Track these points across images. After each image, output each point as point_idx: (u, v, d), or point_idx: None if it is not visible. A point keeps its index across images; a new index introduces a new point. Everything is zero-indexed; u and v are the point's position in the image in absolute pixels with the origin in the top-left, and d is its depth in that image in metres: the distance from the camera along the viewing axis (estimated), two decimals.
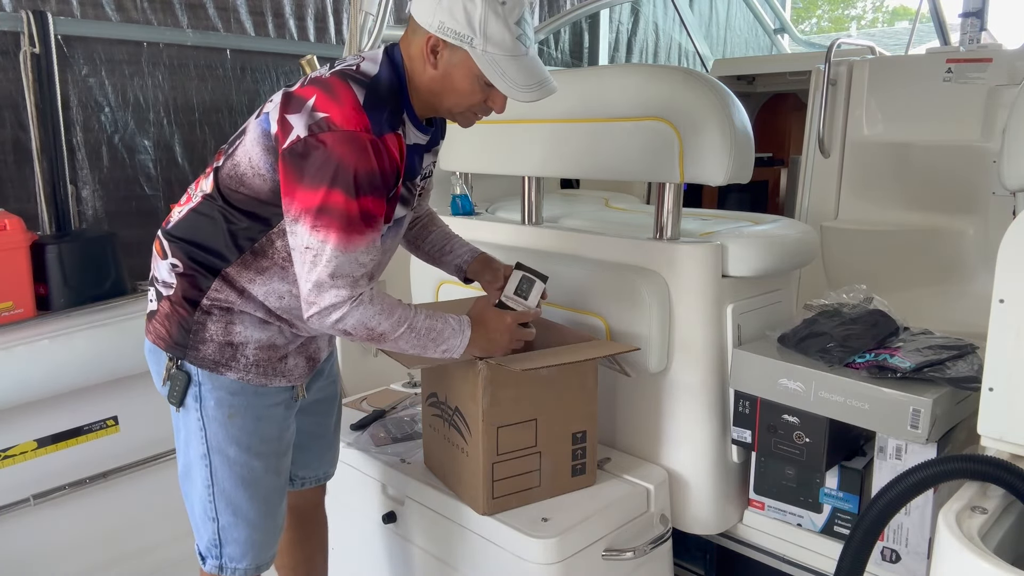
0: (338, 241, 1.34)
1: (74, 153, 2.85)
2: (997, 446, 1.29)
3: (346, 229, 1.34)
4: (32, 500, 2.23)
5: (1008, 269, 1.24)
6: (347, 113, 1.35)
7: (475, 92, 1.45)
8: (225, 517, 1.56)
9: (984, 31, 3.13)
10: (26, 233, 2.28)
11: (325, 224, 1.34)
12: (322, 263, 1.35)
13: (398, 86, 1.45)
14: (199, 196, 1.52)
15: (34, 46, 2.62)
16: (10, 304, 2.22)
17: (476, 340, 1.56)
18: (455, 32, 1.38)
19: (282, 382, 1.58)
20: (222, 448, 1.52)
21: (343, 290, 1.37)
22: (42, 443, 2.28)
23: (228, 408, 1.52)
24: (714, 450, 1.93)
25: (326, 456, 1.88)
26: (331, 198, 1.33)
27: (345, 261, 1.36)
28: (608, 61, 5.20)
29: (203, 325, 1.49)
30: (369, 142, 1.34)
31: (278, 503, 1.63)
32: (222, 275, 1.49)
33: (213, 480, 1.54)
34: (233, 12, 3.26)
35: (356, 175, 1.33)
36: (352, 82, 1.39)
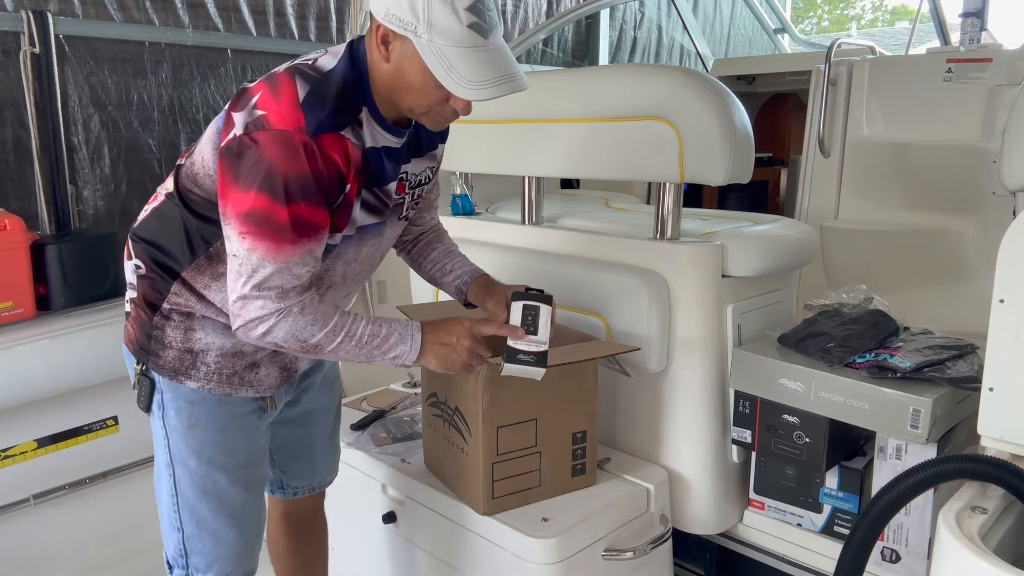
0: (266, 250, 1.24)
1: (75, 152, 2.85)
2: (997, 446, 1.29)
3: (274, 237, 1.24)
4: (32, 500, 2.23)
5: (1008, 269, 1.24)
6: (282, 111, 1.24)
7: (430, 89, 1.28)
8: (189, 527, 1.50)
9: (984, 31, 3.13)
10: (26, 233, 2.28)
11: (251, 231, 1.24)
12: (247, 272, 1.26)
13: (355, 82, 1.32)
14: (163, 195, 1.45)
15: (34, 46, 2.62)
16: (10, 304, 2.22)
17: (429, 347, 1.42)
18: (400, 19, 1.23)
19: (249, 392, 1.49)
20: (184, 459, 1.46)
21: (269, 302, 1.27)
22: (42, 443, 2.28)
23: (188, 418, 1.45)
24: (714, 450, 1.93)
25: (320, 466, 1.82)
26: (258, 203, 1.23)
27: (274, 272, 1.26)
28: (608, 61, 5.20)
29: (162, 330, 1.43)
30: (301, 144, 1.23)
31: (249, 515, 1.56)
32: (181, 278, 1.41)
33: (177, 490, 1.48)
34: (234, 12, 3.26)
35: (286, 179, 1.22)
36: (299, 77, 1.28)
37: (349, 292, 1.57)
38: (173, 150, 3.12)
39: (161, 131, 3.09)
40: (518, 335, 1.46)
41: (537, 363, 1.47)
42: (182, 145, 3.13)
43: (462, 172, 2.47)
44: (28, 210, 2.68)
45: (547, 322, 1.49)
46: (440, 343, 1.42)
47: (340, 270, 1.47)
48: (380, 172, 1.39)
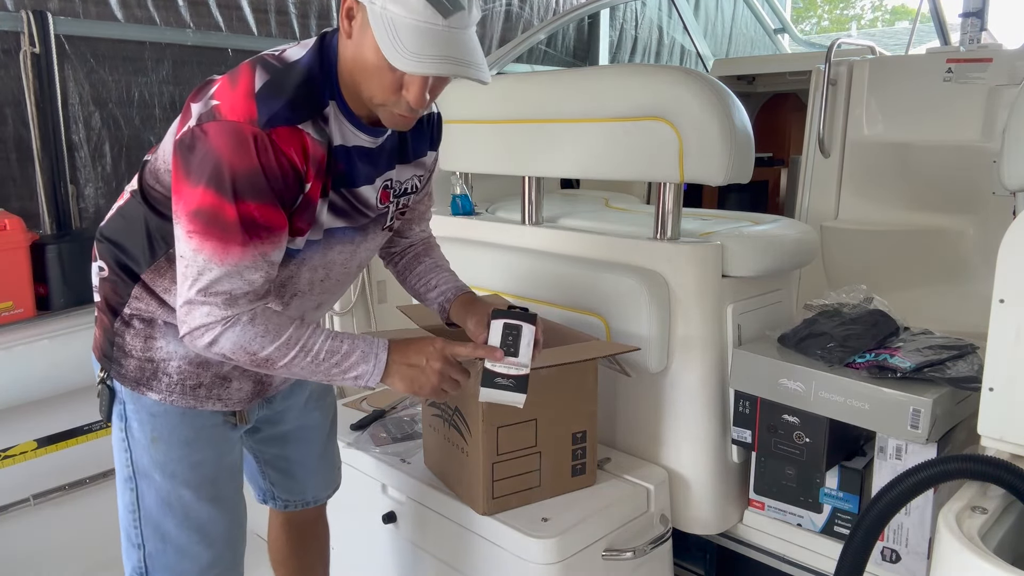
0: (212, 251, 1.15)
1: (76, 151, 2.86)
2: (997, 446, 1.29)
3: (221, 238, 1.15)
4: (32, 500, 2.23)
5: (1008, 269, 1.24)
6: (235, 101, 1.16)
7: (383, 71, 1.16)
8: (152, 543, 1.40)
9: (984, 31, 3.13)
10: (26, 233, 2.28)
11: (198, 230, 1.15)
12: (192, 276, 1.17)
13: (322, 74, 1.22)
14: (127, 194, 1.37)
15: (34, 45, 2.62)
16: (10, 304, 2.22)
17: (395, 369, 1.29)
18: None
19: (216, 406, 1.40)
20: (147, 472, 1.37)
21: (216, 309, 1.17)
22: (42, 443, 2.28)
23: (151, 431, 1.36)
24: (714, 450, 1.93)
25: (311, 483, 1.74)
26: (205, 199, 1.14)
27: (222, 276, 1.16)
28: (609, 61, 5.20)
29: (123, 337, 1.35)
30: (252, 136, 1.13)
31: (218, 531, 1.44)
32: (141, 281, 1.32)
33: (139, 504, 1.39)
34: (236, 10, 3.26)
35: (234, 174, 1.13)
36: (260, 67, 1.20)
37: (321, 303, 1.47)
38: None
39: (163, 129, 3.09)
40: (496, 356, 1.33)
41: (516, 388, 1.34)
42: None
43: (462, 172, 2.47)
44: (29, 209, 2.68)
45: (529, 343, 1.36)
46: (408, 364, 1.29)
47: (306, 277, 1.37)
48: (349, 172, 1.29)
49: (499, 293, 2.13)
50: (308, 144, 1.19)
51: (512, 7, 4.55)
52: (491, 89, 2.30)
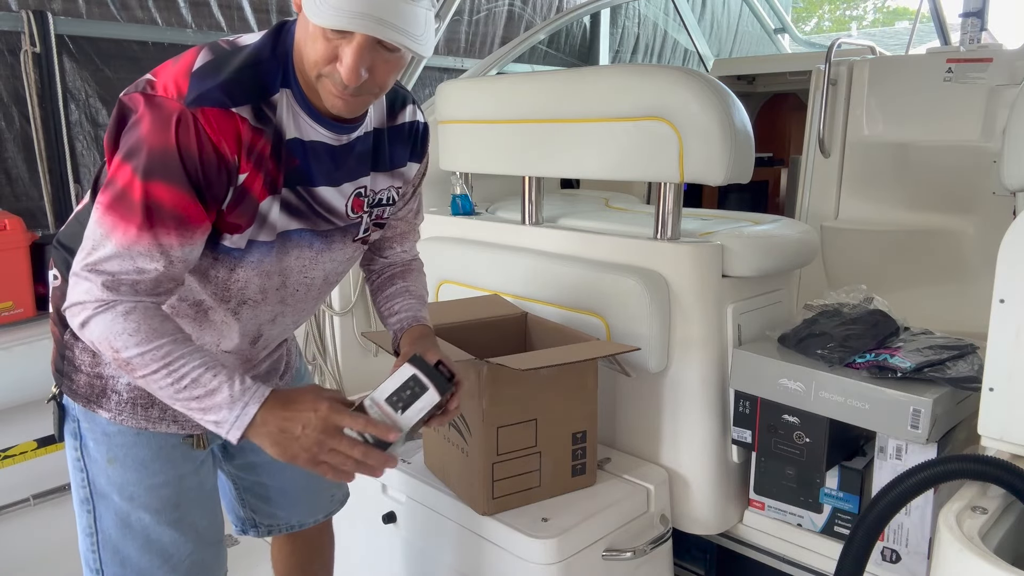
0: (111, 227, 1.07)
1: (82, 151, 2.86)
2: (997, 446, 1.29)
3: (123, 216, 1.06)
4: (32, 500, 2.23)
5: (1008, 269, 1.24)
6: (168, 78, 1.09)
7: (317, 37, 1.08)
8: (111, 568, 1.32)
9: (984, 31, 3.13)
10: (26, 233, 2.28)
11: (105, 202, 1.08)
12: (88, 247, 1.09)
13: (273, 60, 1.14)
14: (87, 197, 1.29)
15: (35, 45, 2.62)
16: (10, 304, 2.22)
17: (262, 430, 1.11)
18: None
19: (171, 428, 1.30)
20: (105, 493, 1.28)
21: (95, 288, 1.07)
22: (42, 443, 2.28)
23: (107, 451, 1.28)
24: (714, 450, 1.93)
25: (296, 509, 1.63)
26: (119, 172, 1.08)
27: (112, 255, 1.07)
28: (609, 61, 5.20)
29: (72, 351, 1.26)
30: (174, 113, 1.06)
31: (186, 555, 1.35)
32: None
33: (97, 527, 1.31)
34: (237, 10, 3.26)
35: (149, 152, 1.06)
36: (208, 48, 1.14)
37: (278, 315, 1.34)
38: None
39: None
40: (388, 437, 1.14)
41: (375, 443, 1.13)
42: None
43: (462, 172, 2.47)
44: (39, 208, 2.69)
45: (423, 410, 1.18)
46: (280, 429, 1.11)
47: (256, 283, 1.25)
48: (306, 169, 1.20)
49: (499, 293, 2.13)
50: (242, 130, 1.10)
51: (514, 7, 4.55)
52: (491, 89, 2.30)
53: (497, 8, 4.46)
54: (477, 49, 4.34)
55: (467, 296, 2.17)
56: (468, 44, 4.32)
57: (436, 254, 2.36)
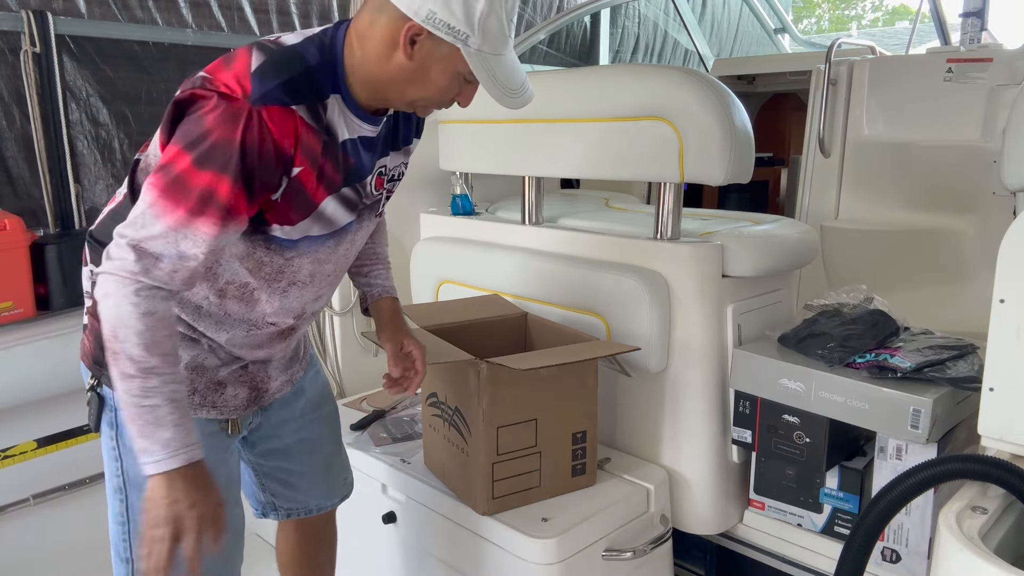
0: (163, 209, 1.11)
1: (80, 150, 2.86)
2: (997, 446, 1.29)
3: (176, 199, 1.11)
4: (32, 500, 2.23)
5: (1008, 269, 1.24)
6: (229, 76, 1.15)
7: (451, 88, 1.25)
8: None
9: (984, 31, 3.14)
10: (26, 233, 2.28)
11: (160, 184, 1.12)
12: (134, 223, 1.13)
13: (324, 67, 1.22)
14: (120, 196, 1.34)
15: (35, 45, 2.62)
16: (10, 304, 2.22)
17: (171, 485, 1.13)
18: (448, 26, 1.16)
19: (212, 414, 1.35)
20: (140, 482, 1.23)
21: (130, 262, 1.11)
22: (42, 443, 2.28)
23: None
24: (714, 450, 1.93)
25: (316, 491, 1.70)
26: (179, 160, 1.12)
27: (158, 235, 1.11)
28: (609, 61, 5.20)
29: None
30: (241, 111, 1.12)
31: None
32: None
33: (128, 517, 1.33)
34: (237, 11, 3.26)
35: (212, 145, 1.12)
36: (256, 48, 1.19)
37: (320, 295, 1.44)
38: None
39: None
40: None
41: None
42: None
43: (462, 172, 2.47)
44: (35, 208, 2.69)
45: None
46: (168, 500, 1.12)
47: (308, 269, 1.35)
48: (359, 166, 1.30)
49: (499, 293, 2.13)
50: (300, 127, 1.17)
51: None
52: None
53: None
54: None
55: (467, 296, 2.18)
56: None
57: (436, 254, 2.36)
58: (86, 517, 2.35)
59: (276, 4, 3.39)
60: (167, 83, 3.06)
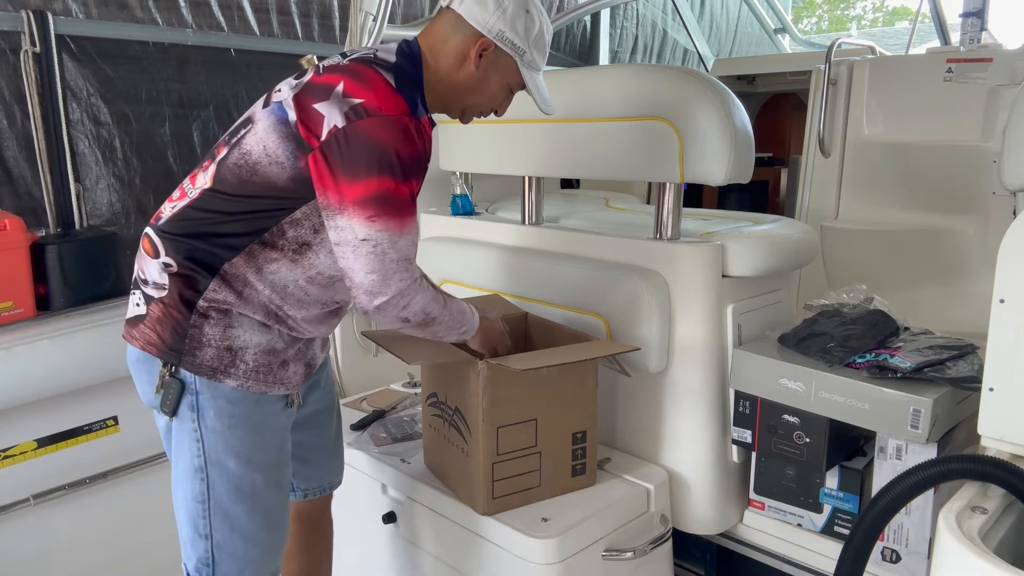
0: (398, 227, 1.35)
1: (80, 149, 2.85)
2: (997, 446, 1.29)
3: (399, 214, 1.35)
4: (32, 500, 2.22)
5: (1008, 269, 1.24)
6: (382, 96, 1.35)
7: (498, 96, 1.54)
8: (220, 533, 1.47)
9: (984, 31, 3.13)
10: (26, 233, 2.28)
11: (381, 212, 1.33)
12: (383, 250, 1.35)
13: (415, 76, 1.46)
14: (197, 191, 1.45)
15: (35, 45, 2.62)
16: (10, 304, 2.22)
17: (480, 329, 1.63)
18: (512, 43, 1.47)
19: (280, 390, 1.51)
20: (221, 461, 1.44)
21: (406, 273, 1.39)
22: (42, 443, 2.28)
23: (228, 418, 1.44)
24: (714, 450, 1.93)
25: (329, 466, 1.83)
26: (384, 185, 1.33)
27: (405, 245, 1.38)
28: (609, 61, 5.19)
29: (200, 329, 1.41)
30: (411, 125, 1.36)
31: (279, 517, 1.55)
32: (221, 273, 1.41)
33: (209, 494, 1.45)
34: (238, 10, 3.26)
35: (401, 159, 1.34)
36: (377, 67, 1.40)
37: None
38: (188, 144, 3.12)
39: (173, 127, 3.09)
40: None
41: None
42: (195, 138, 3.14)
43: (462, 172, 2.47)
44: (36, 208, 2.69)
45: None
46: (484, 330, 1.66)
47: None
48: None
49: (499, 293, 2.13)
50: (428, 129, 1.48)
51: None
52: None
53: None
54: None
55: (467, 296, 2.17)
56: None
57: (436, 254, 2.36)
58: (86, 517, 2.35)
59: (276, 4, 3.39)
60: (167, 83, 3.06)
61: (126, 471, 2.41)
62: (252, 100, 1.53)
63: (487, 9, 1.45)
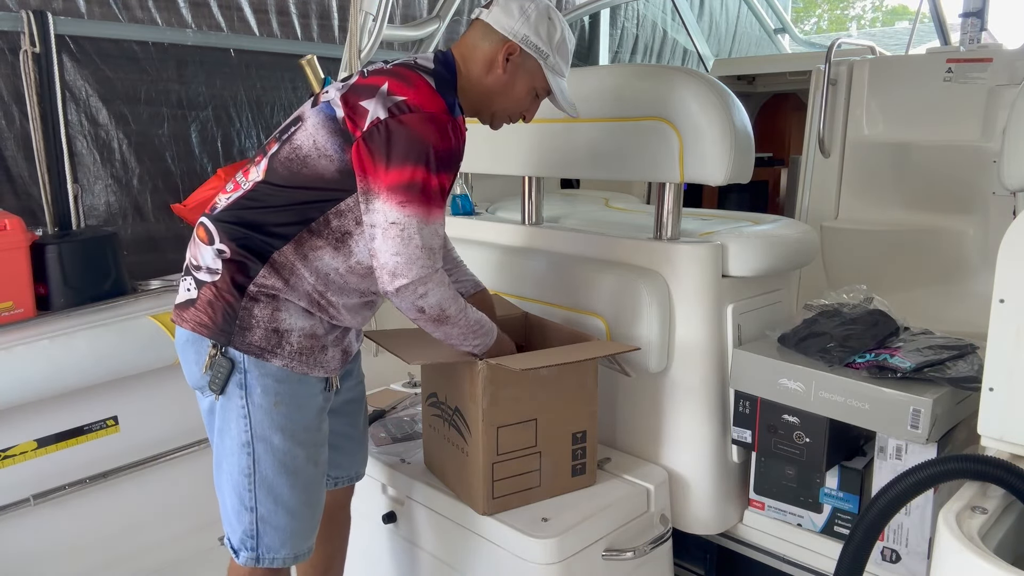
0: (425, 215, 1.44)
1: (78, 149, 2.86)
2: (997, 446, 1.29)
3: (427, 204, 1.44)
4: (32, 500, 2.22)
5: (1008, 269, 1.24)
6: (424, 95, 1.47)
7: (525, 100, 1.65)
8: (265, 506, 1.54)
9: (984, 31, 3.13)
10: (26, 233, 2.28)
11: (412, 199, 1.42)
12: (408, 235, 1.43)
13: (451, 80, 1.58)
14: (250, 183, 1.55)
15: (34, 45, 2.62)
16: (10, 304, 2.22)
17: (498, 347, 1.66)
18: (536, 47, 1.59)
19: (320, 372, 1.59)
20: (267, 436, 1.52)
21: (428, 261, 1.45)
22: (42, 443, 2.28)
23: (274, 396, 1.52)
24: (714, 450, 1.93)
25: (358, 456, 1.88)
26: (416, 175, 1.42)
27: (429, 233, 1.45)
28: (609, 61, 5.19)
29: (250, 311, 1.50)
30: (449, 123, 1.46)
31: (317, 493, 1.63)
32: (271, 261, 1.51)
33: (255, 468, 1.53)
34: (237, 11, 3.26)
35: (437, 152, 1.44)
36: (419, 71, 1.52)
37: None
38: (186, 144, 3.13)
39: (173, 127, 3.09)
40: None
41: None
42: (194, 139, 3.14)
43: (462, 172, 2.47)
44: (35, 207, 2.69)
45: None
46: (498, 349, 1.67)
47: None
48: None
49: (499, 293, 2.13)
50: (463, 128, 1.54)
51: None
52: None
53: None
54: None
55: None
56: None
57: None
58: (86, 517, 2.35)
59: (276, 4, 3.39)
60: (166, 83, 3.06)
61: (126, 471, 2.41)
62: (251, 100, 1.55)
63: (512, 16, 1.58)
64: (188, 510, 2.39)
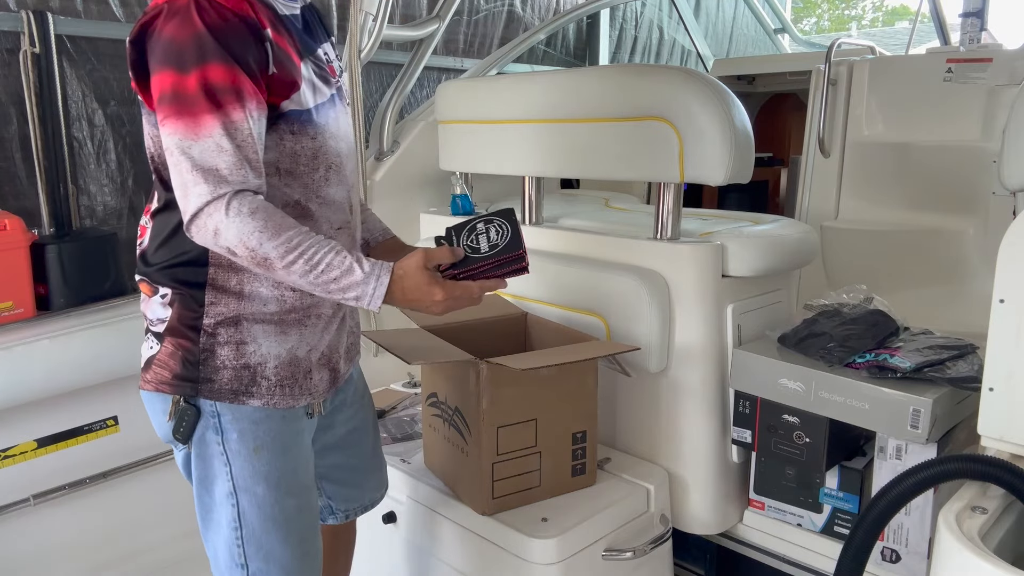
0: (186, 128, 1.15)
1: (79, 150, 2.85)
2: (997, 446, 1.29)
3: (190, 112, 1.15)
4: (32, 500, 2.22)
5: (1008, 269, 1.24)
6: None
7: None
8: (256, 563, 1.38)
9: (984, 31, 3.13)
10: (26, 233, 2.28)
11: (169, 113, 1.16)
12: (176, 159, 1.17)
13: None
14: (149, 218, 1.37)
15: (34, 45, 2.62)
16: (10, 304, 2.22)
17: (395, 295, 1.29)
18: None
19: (306, 400, 1.41)
20: (249, 487, 1.35)
21: (205, 187, 1.16)
22: (42, 443, 2.28)
23: (253, 441, 1.35)
24: (714, 450, 1.93)
25: (368, 484, 1.73)
26: (165, 81, 1.16)
27: (204, 149, 1.16)
28: (609, 61, 5.20)
29: (212, 352, 1.32)
30: (189, 4, 1.15)
31: (313, 540, 1.46)
32: (209, 283, 1.31)
33: (241, 523, 1.36)
34: None
35: (181, 46, 1.15)
36: None
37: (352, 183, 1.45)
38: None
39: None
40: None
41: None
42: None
43: (462, 172, 2.47)
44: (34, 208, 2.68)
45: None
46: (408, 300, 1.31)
47: (332, 147, 1.36)
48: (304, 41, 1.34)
49: (499, 293, 2.13)
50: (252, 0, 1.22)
51: (514, 8, 4.55)
52: (491, 89, 2.30)
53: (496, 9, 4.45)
54: (476, 49, 4.34)
55: None
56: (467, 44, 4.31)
57: None
58: (86, 517, 2.35)
59: None
60: None
61: (126, 471, 2.41)
62: None
63: None
64: (188, 510, 2.37)
